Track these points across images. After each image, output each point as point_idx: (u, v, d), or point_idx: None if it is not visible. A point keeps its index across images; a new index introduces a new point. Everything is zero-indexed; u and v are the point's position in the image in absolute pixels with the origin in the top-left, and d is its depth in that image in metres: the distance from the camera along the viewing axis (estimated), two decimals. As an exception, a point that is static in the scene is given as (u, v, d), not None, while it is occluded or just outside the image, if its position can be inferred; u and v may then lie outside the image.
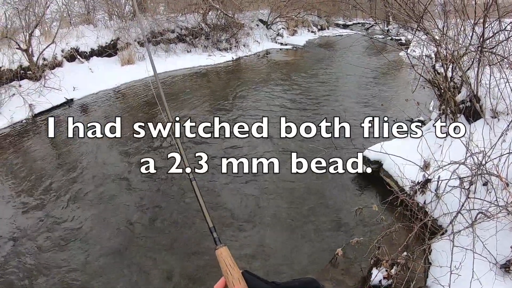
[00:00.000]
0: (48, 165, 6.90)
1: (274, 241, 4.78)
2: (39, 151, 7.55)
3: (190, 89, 11.35)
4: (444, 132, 5.80)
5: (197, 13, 16.99)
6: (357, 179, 6.27)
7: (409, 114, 8.40)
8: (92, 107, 9.95)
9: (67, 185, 6.14)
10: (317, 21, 25.80)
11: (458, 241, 3.60)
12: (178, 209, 5.42)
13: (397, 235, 4.26)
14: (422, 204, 4.81)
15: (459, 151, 4.45)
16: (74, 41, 12.67)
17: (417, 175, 5.04)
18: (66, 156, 7.22)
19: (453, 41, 5.62)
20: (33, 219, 5.32)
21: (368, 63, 15.19)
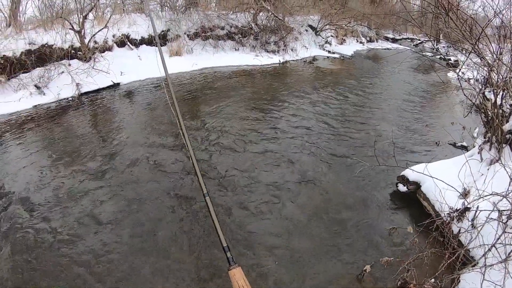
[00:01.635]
0: (86, 142, 7.08)
1: (301, 250, 4.71)
2: (80, 128, 7.74)
3: (232, 86, 11.37)
4: (487, 161, 5.62)
5: (248, 13, 17.04)
6: (393, 198, 6.13)
7: (453, 138, 8.14)
8: (137, 93, 10.15)
9: (100, 164, 6.28)
10: (367, 32, 25.46)
11: (489, 275, 3.53)
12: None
13: (428, 261, 4.15)
14: (457, 232, 4.69)
15: (501, 183, 4.32)
16: (125, 27, 12.95)
17: (456, 202, 4.92)
18: (106, 136, 7.36)
19: (506, 67, 5.39)
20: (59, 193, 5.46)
21: (414, 80, 14.94)
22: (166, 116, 8.41)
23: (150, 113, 8.64)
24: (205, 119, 8.45)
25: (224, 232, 2.80)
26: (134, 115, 8.54)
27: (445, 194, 4.91)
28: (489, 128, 5.78)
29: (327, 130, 8.31)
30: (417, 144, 8.21)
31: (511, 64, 5.48)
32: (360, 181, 6.37)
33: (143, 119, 8.26)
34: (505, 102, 5.67)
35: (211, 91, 10.64)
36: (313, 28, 20.36)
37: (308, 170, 6.56)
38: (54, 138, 7.19)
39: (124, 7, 14.81)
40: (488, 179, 4.76)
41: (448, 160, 6.33)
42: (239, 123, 8.33)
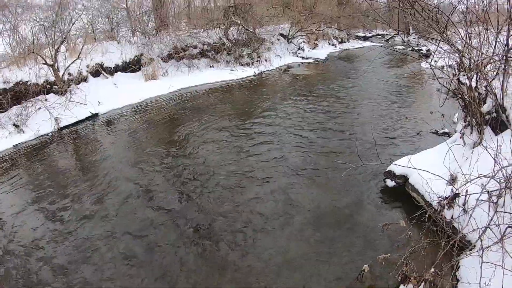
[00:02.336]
0: (71, 177, 6.97)
1: (299, 256, 4.73)
2: (63, 163, 7.65)
3: (212, 104, 11.39)
4: (470, 144, 5.72)
5: (218, 29, 17.20)
6: (383, 194, 6.18)
7: (434, 126, 8.30)
8: (116, 122, 10.08)
9: (88, 197, 6.20)
10: (338, 34, 25.82)
11: (487, 257, 3.53)
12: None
13: (425, 251, 4.20)
14: (450, 219, 4.73)
15: (486, 164, 4.36)
16: (98, 56, 12.90)
17: (445, 189, 4.96)
18: (90, 169, 7.28)
19: (476, 50, 5.47)
20: (52, 229, 5.39)
21: (389, 75, 15.18)
22: (148, 141, 8.42)
23: (131, 140, 8.58)
24: (186, 140, 8.43)
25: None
26: (116, 144, 8.48)
27: (432, 183, 4.97)
28: (468, 112, 5.89)
29: (308, 137, 8.36)
30: (399, 137, 8.32)
31: (481, 47, 5.59)
32: (347, 182, 6.41)
33: (125, 147, 8.21)
34: (480, 85, 5.76)
35: (190, 111, 10.63)
36: (284, 36, 20.60)
37: (294, 179, 6.57)
38: (38, 178, 7.04)
39: (95, 36, 14.84)
40: (473, 162, 4.81)
41: (431, 149, 6.41)
42: (219, 141, 8.32)
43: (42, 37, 11.10)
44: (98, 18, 15.21)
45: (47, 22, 11.18)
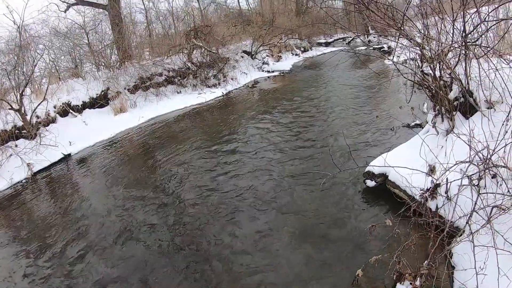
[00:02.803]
0: (50, 224, 6.78)
1: (292, 268, 4.72)
2: (41, 211, 7.44)
3: (183, 130, 11.36)
4: (443, 132, 5.83)
5: (182, 54, 17.25)
6: (366, 195, 6.21)
7: (405, 120, 8.42)
8: (90, 160, 9.92)
9: (70, 243, 6.05)
10: (300, 44, 26.21)
11: (478, 240, 3.54)
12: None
13: (416, 246, 4.20)
14: (435, 210, 4.74)
15: (462, 149, 4.41)
16: (65, 95, 12.77)
17: (425, 181, 4.99)
18: (69, 213, 7.11)
19: (435, 40, 5.65)
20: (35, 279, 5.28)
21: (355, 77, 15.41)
22: (124, 176, 8.32)
23: (107, 178, 8.44)
24: (161, 170, 8.39)
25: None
26: (92, 183, 8.33)
27: (412, 177, 5.02)
28: (436, 101, 6.01)
29: (283, 152, 8.38)
30: (373, 137, 8.42)
31: (440, 36, 5.76)
32: (329, 191, 6.40)
33: (102, 186, 8.07)
34: (444, 73, 5.88)
35: (162, 140, 10.56)
36: (248, 53, 20.79)
37: (274, 196, 6.55)
38: (16, 227, 6.88)
39: (60, 75, 14.79)
40: (448, 150, 4.90)
41: (406, 143, 6.50)
42: (195, 165, 8.31)
43: (6, 81, 10.93)
44: (60, 57, 15.16)
45: (9, 66, 11.06)
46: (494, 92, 5.17)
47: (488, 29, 5.08)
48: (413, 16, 6.51)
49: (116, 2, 16.55)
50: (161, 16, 22.38)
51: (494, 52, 5.07)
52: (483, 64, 5.18)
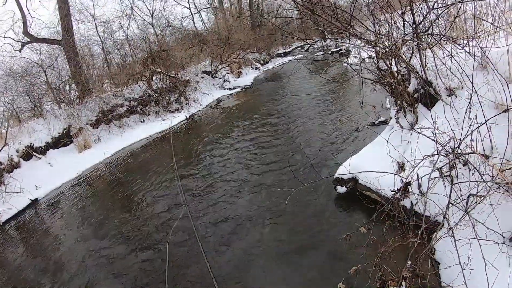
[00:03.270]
0: (26, 274, 6.58)
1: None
2: (13, 260, 7.22)
3: (150, 159, 11.23)
4: (407, 126, 5.84)
5: (141, 81, 17.07)
6: (338, 202, 6.21)
7: (369, 119, 8.53)
8: (59, 203, 9.65)
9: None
10: (259, 57, 26.45)
11: (459, 234, 3.44)
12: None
13: (395, 250, 4.08)
14: (410, 208, 4.73)
15: (429, 141, 4.32)
16: (26, 138, 12.43)
17: (395, 180, 4.95)
18: (44, 261, 6.88)
19: (387, 36, 5.71)
20: None
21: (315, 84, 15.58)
22: (95, 214, 8.17)
23: (78, 218, 8.25)
24: (131, 202, 8.29)
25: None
26: (63, 226, 8.11)
27: (380, 179, 5.00)
28: (397, 95, 6.00)
29: (249, 172, 8.34)
30: (339, 141, 8.49)
31: (392, 31, 5.85)
32: (300, 205, 6.36)
33: (73, 227, 7.87)
34: (401, 67, 5.89)
35: (130, 172, 10.41)
36: (208, 72, 20.76)
37: (245, 219, 6.48)
38: None
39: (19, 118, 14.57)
40: (414, 145, 4.85)
41: (372, 143, 6.48)
42: (164, 194, 8.28)
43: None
44: (18, 98, 14.92)
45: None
46: (453, 79, 5.17)
47: (438, 17, 5.13)
48: (362, 16, 6.61)
49: (70, 36, 16.37)
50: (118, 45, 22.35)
51: (448, 39, 5.11)
52: (438, 53, 5.22)
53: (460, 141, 3.81)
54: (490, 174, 3.69)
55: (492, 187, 3.54)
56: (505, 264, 3.33)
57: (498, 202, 3.64)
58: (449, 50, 4.96)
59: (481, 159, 3.83)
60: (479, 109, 3.96)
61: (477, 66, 4.92)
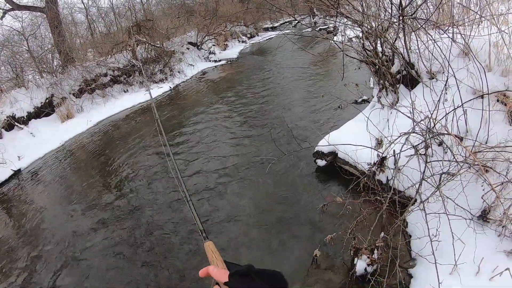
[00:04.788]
0: (9, 243, 6.59)
1: (251, 254, 4.82)
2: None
3: (133, 129, 11.21)
4: (388, 105, 5.94)
5: (125, 51, 16.80)
6: (317, 175, 6.34)
7: (352, 97, 8.63)
8: (41, 173, 9.58)
9: (29, 262, 5.88)
10: (246, 30, 26.17)
11: (430, 208, 3.62)
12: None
13: (368, 220, 4.27)
14: (386, 182, 4.88)
15: (408, 121, 4.41)
16: (8, 108, 12.17)
17: (372, 155, 5.09)
18: (26, 231, 6.88)
19: (374, 17, 5.77)
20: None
21: (300, 60, 15.54)
22: (78, 184, 8.18)
23: (61, 188, 8.27)
24: (115, 171, 8.33)
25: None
26: (47, 197, 8.10)
27: (358, 153, 5.16)
28: (380, 75, 6.12)
29: (232, 141, 8.51)
30: (322, 116, 8.62)
31: (379, 13, 5.87)
32: (281, 174, 6.53)
33: (57, 198, 7.91)
34: (386, 48, 6.02)
35: (113, 142, 10.43)
36: (193, 44, 20.55)
37: (227, 186, 6.63)
38: None
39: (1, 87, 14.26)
40: (391, 122, 5.02)
41: (353, 120, 6.63)
42: (147, 164, 8.30)
43: None
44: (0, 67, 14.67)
45: None
46: (435, 63, 5.29)
47: (425, 1, 5.22)
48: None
49: (54, 3, 15.92)
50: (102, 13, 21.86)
51: (433, 24, 5.19)
52: (422, 37, 5.31)
53: (436, 121, 3.94)
54: (463, 155, 3.87)
55: (463, 166, 3.72)
56: (471, 239, 3.49)
57: (469, 181, 3.83)
58: (432, 35, 5.06)
59: (455, 140, 3.97)
60: (456, 92, 4.16)
61: (459, 53, 5.06)
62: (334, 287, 4.13)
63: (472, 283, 3.40)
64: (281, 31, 27.03)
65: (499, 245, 3.59)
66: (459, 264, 3.44)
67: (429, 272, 3.51)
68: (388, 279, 3.71)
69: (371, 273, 3.95)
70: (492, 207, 3.74)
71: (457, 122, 4.31)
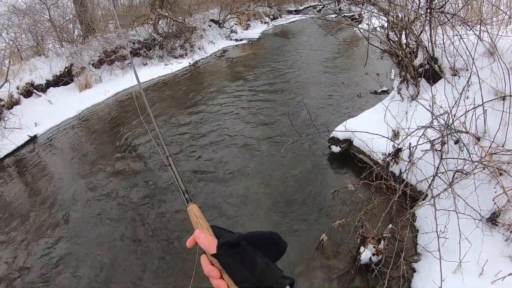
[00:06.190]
0: (24, 207, 6.71)
1: None
2: (11, 195, 7.31)
3: (151, 102, 11.24)
4: (408, 98, 5.90)
5: (147, 25, 16.78)
6: (331, 161, 6.34)
7: (372, 86, 8.52)
8: (57, 140, 9.71)
9: (43, 226, 5.98)
10: (269, 12, 25.85)
11: (440, 204, 3.61)
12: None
13: (378, 210, 4.28)
14: (398, 174, 4.87)
15: (425, 115, 4.46)
16: (27, 75, 12.31)
17: (387, 146, 5.10)
18: (41, 196, 6.98)
19: (401, 7, 5.69)
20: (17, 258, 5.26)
21: (324, 44, 15.31)
22: (93, 153, 8.29)
23: (77, 155, 8.39)
24: (130, 143, 8.40)
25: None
26: (62, 163, 8.26)
27: (374, 142, 5.15)
28: (402, 67, 6.05)
29: (249, 119, 8.53)
30: (340, 103, 8.55)
31: (407, 3, 5.81)
32: (295, 157, 6.55)
33: (71, 165, 8.00)
34: (410, 40, 5.95)
35: (130, 114, 10.46)
36: (215, 21, 20.36)
37: (240, 163, 6.68)
38: None
39: (21, 55, 14.39)
40: (410, 115, 4.99)
41: (371, 109, 6.57)
42: (164, 137, 8.35)
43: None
44: (21, 35, 14.70)
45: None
46: (459, 59, 5.22)
47: None
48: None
49: (78, -28, 15.95)
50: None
51: (460, 19, 5.07)
52: (449, 32, 5.23)
53: (455, 117, 3.92)
54: (478, 155, 3.84)
55: (478, 166, 3.68)
56: (478, 239, 3.47)
57: (482, 182, 3.80)
58: (459, 31, 5.00)
59: (473, 140, 3.94)
60: (478, 91, 4.09)
61: (484, 52, 4.97)
62: (337, 273, 4.14)
63: (474, 284, 3.39)
64: (305, 14, 26.66)
65: (505, 249, 3.58)
66: (463, 263, 3.43)
67: (433, 268, 3.54)
68: (392, 271, 3.72)
69: (375, 263, 3.96)
70: (503, 210, 3.72)
71: (475, 121, 4.25)
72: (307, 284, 4.08)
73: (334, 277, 4.12)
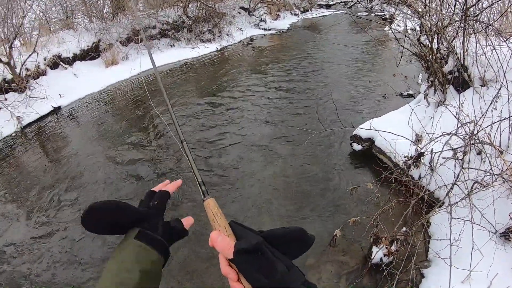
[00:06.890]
0: (42, 177, 6.83)
1: (272, 224, 4.80)
2: (32, 163, 7.46)
3: (176, 84, 11.30)
4: (434, 104, 5.84)
5: (177, 7, 16.79)
6: (351, 158, 6.34)
7: (398, 88, 8.45)
8: (80, 113, 9.87)
9: (63, 194, 6.14)
10: (299, 4, 25.60)
11: (456, 213, 3.59)
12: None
13: (394, 212, 4.29)
14: (417, 179, 4.85)
15: (450, 122, 4.44)
16: (55, 48, 12.49)
17: (410, 149, 5.07)
18: (61, 166, 7.15)
19: (436, 11, 5.59)
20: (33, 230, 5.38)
21: (353, 41, 15.15)
22: (114, 129, 8.43)
23: (97, 130, 8.52)
24: (152, 123, 8.52)
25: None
26: (82, 136, 8.40)
27: (399, 144, 5.10)
28: (431, 72, 6.00)
29: (275, 109, 8.55)
30: (365, 101, 8.53)
31: (441, 7, 5.66)
32: (316, 150, 6.57)
33: (92, 138, 8.14)
34: (441, 45, 5.88)
35: (154, 93, 10.39)
36: (245, 9, 20.30)
37: (262, 151, 6.72)
38: (8, 182, 6.80)
39: (50, 27, 14.53)
40: (435, 121, 4.93)
41: (396, 111, 6.54)
42: (187, 118, 8.46)
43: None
44: (51, 8, 14.75)
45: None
46: (489, 70, 5.15)
47: (491, 5, 5.04)
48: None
49: None
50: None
51: (495, 30, 5.02)
52: (481, 41, 5.15)
53: (480, 128, 3.89)
54: (500, 168, 3.81)
55: (498, 179, 3.66)
56: (491, 252, 3.46)
57: (500, 196, 3.76)
58: (492, 41, 4.93)
59: (496, 152, 3.92)
60: (506, 104, 4.07)
61: None
62: (347, 270, 4.17)
63: (481, 296, 3.38)
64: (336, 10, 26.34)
65: (516, 265, 3.55)
66: (473, 273, 3.42)
67: (442, 275, 3.54)
68: (401, 273, 3.73)
69: (386, 263, 3.98)
70: (517, 226, 3.68)
71: (500, 134, 4.19)
72: (316, 277, 4.09)
73: (343, 273, 4.15)
